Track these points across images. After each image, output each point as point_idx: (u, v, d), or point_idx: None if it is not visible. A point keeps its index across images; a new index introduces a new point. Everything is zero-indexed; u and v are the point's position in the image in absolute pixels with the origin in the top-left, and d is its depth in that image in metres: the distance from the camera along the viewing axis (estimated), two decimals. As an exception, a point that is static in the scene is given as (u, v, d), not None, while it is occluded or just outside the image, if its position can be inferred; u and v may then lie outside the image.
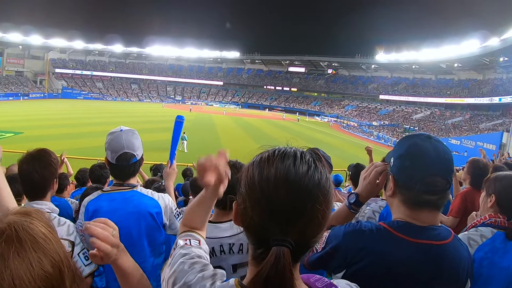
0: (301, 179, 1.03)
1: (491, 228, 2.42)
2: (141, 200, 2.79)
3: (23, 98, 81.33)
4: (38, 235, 0.91)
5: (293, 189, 1.02)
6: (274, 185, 1.02)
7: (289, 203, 1.01)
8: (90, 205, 2.75)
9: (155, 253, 2.83)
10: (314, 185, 1.04)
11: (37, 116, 45.83)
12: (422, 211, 1.72)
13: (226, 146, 33.70)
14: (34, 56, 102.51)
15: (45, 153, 2.77)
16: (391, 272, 1.64)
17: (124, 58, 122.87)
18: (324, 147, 11.96)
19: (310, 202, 1.02)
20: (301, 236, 1.03)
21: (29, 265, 0.85)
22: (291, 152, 1.10)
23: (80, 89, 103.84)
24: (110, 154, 2.73)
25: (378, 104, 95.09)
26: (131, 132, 2.85)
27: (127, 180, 2.84)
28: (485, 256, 2.27)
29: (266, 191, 1.03)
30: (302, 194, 1.02)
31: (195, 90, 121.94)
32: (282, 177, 1.03)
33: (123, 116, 55.12)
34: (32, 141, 26.82)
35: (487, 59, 69.33)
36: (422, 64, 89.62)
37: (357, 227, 1.78)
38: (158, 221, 2.80)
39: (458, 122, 66.07)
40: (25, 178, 2.64)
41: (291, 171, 1.03)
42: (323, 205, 1.05)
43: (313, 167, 1.07)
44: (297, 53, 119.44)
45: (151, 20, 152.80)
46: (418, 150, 1.71)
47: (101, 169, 5.35)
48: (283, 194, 1.01)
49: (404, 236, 1.68)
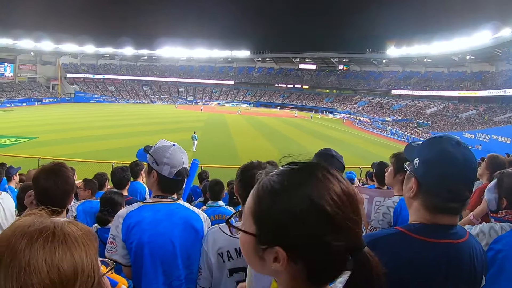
0: (347, 188, 1.04)
1: (509, 223, 2.43)
2: (186, 213, 2.81)
3: (37, 104, 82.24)
4: (70, 236, 0.98)
5: (351, 197, 1.04)
6: (348, 202, 1.02)
7: (356, 210, 1.04)
8: (130, 216, 2.71)
9: (190, 268, 2.82)
10: (353, 188, 1.07)
11: (51, 121, 46.41)
12: (443, 216, 1.71)
13: (239, 145, 33.81)
14: (46, 61, 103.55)
15: (63, 167, 2.76)
16: (414, 275, 1.63)
17: (135, 60, 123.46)
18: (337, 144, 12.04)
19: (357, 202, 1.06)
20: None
21: (54, 265, 0.91)
22: (331, 168, 1.08)
23: (93, 92, 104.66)
24: (169, 169, 2.71)
25: (390, 99, 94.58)
26: (181, 148, 2.86)
27: (173, 193, 2.86)
28: (502, 248, 2.29)
29: (342, 211, 1.00)
30: (355, 199, 1.04)
31: (207, 90, 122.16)
32: (347, 192, 1.03)
33: (136, 118, 55.64)
34: (46, 146, 27.23)
35: (500, 50, 68.23)
36: (433, 57, 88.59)
37: (372, 236, 1.77)
38: (201, 235, 2.81)
39: (472, 116, 65.45)
40: (44, 195, 2.62)
41: (346, 185, 1.05)
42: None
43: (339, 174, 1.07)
44: (308, 50, 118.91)
45: (161, 22, 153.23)
46: (449, 158, 1.66)
47: (123, 172, 5.43)
48: (350, 205, 1.02)
49: (422, 237, 1.67)
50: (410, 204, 1.81)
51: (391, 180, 3.78)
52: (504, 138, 42.33)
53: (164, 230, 2.68)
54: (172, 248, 2.69)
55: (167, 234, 2.67)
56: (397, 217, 3.38)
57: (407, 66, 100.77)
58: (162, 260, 2.68)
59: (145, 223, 2.66)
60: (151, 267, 2.68)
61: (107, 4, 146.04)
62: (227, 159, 22.58)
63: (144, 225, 2.66)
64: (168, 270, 2.71)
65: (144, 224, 2.66)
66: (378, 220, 3.47)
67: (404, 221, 3.22)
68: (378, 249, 1.65)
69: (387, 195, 3.91)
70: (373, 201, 4.23)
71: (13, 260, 0.90)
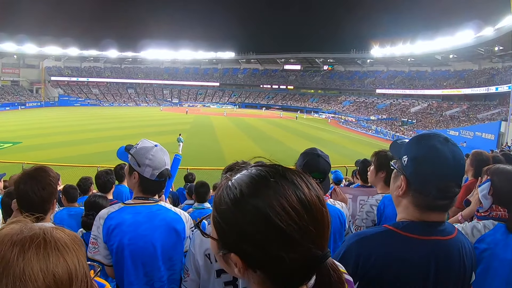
0: (311, 195, 0.99)
1: (492, 221, 2.44)
2: (167, 215, 2.79)
3: (20, 108, 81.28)
4: (60, 242, 0.98)
5: (313, 206, 0.98)
6: (303, 211, 0.96)
7: (316, 220, 0.98)
8: (111, 218, 2.69)
9: (173, 268, 2.83)
10: (318, 193, 1.02)
11: (35, 125, 45.85)
12: (433, 213, 1.70)
13: (224, 146, 33.75)
14: (29, 65, 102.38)
15: (43, 172, 2.68)
16: (404, 273, 1.63)
17: (120, 63, 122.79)
18: (323, 144, 12.11)
19: (323, 209, 1.01)
20: (327, 241, 1.02)
21: (49, 271, 0.91)
22: (291, 172, 1.04)
23: (77, 96, 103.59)
24: (151, 171, 2.68)
25: (375, 99, 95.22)
26: (163, 149, 2.82)
27: (154, 195, 2.84)
28: (487, 247, 2.30)
29: (295, 221, 0.94)
30: (318, 206, 0.99)
31: (192, 92, 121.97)
32: (297, 202, 0.96)
33: (121, 121, 55.29)
34: (31, 151, 26.93)
35: (482, 49, 69.26)
36: (417, 57, 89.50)
37: (360, 235, 1.77)
38: (182, 236, 2.81)
39: (456, 113, 66.11)
40: (23, 200, 2.58)
41: (305, 192, 0.98)
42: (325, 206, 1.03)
43: (306, 180, 1.04)
44: (292, 51, 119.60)
45: (145, 24, 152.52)
46: (437, 155, 1.65)
47: (107, 175, 5.39)
48: (309, 215, 0.97)
49: (411, 235, 1.67)
50: (399, 202, 1.80)
51: (373, 179, 3.79)
52: (487, 135, 42.86)
53: (145, 232, 2.66)
54: (153, 251, 2.68)
55: (148, 237, 2.66)
56: (380, 215, 3.40)
57: (391, 66, 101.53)
58: (143, 262, 2.68)
59: (126, 225, 2.64)
60: (132, 269, 2.67)
61: (90, 6, 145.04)
62: (213, 161, 22.57)
63: (124, 227, 2.64)
64: (150, 272, 2.71)
65: (125, 226, 2.64)
66: (362, 219, 3.49)
67: (388, 219, 3.25)
68: (367, 247, 1.68)
69: (370, 194, 3.93)
70: (357, 200, 4.27)
71: (5, 269, 0.88)
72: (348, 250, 1.70)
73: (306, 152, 2.97)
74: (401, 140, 1.89)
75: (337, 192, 3.61)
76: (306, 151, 2.98)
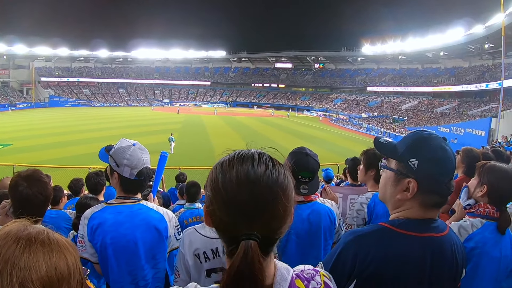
0: (261, 178, 1.11)
1: (480, 219, 2.44)
2: (148, 214, 2.79)
3: (10, 109, 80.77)
4: (61, 241, 1.06)
5: (254, 188, 1.10)
6: (237, 186, 1.11)
7: (252, 201, 1.09)
8: (94, 218, 2.70)
9: (157, 267, 2.84)
10: (273, 182, 1.12)
11: (26, 127, 45.60)
12: (433, 211, 1.75)
13: (216, 145, 33.73)
14: (19, 65, 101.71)
15: (40, 173, 2.70)
16: (402, 269, 1.65)
17: (110, 63, 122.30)
18: (314, 142, 12.10)
19: (270, 198, 1.11)
20: (266, 229, 1.11)
21: (52, 264, 0.99)
22: (249, 154, 1.19)
23: (67, 96, 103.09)
24: (130, 171, 2.70)
25: (366, 96, 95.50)
26: (142, 147, 2.82)
27: (136, 194, 2.84)
28: (475, 246, 2.30)
29: (230, 192, 1.11)
30: (263, 191, 1.10)
31: (183, 91, 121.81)
32: (243, 178, 1.12)
33: (112, 121, 55.00)
34: (21, 152, 26.78)
35: (472, 46, 69.72)
36: (408, 54, 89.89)
37: (356, 232, 1.77)
38: (164, 235, 2.81)
39: (447, 110, 66.50)
40: (25, 201, 2.54)
41: (250, 172, 1.12)
42: (283, 199, 1.13)
43: (271, 166, 1.16)
44: (283, 49, 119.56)
45: (136, 23, 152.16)
46: (447, 155, 1.71)
47: (97, 177, 5.37)
48: (245, 193, 1.10)
49: (408, 232, 1.69)
50: (400, 204, 1.79)
51: (363, 177, 3.80)
52: (478, 131, 43.13)
53: (126, 231, 2.68)
54: (135, 249, 2.69)
55: (129, 236, 2.67)
56: (371, 213, 3.41)
57: (382, 64, 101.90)
58: (126, 261, 2.69)
59: (107, 225, 2.66)
60: (116, 267, 2.69)
61: (80, 6, 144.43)
62: (205, 160, 22.52)
63: (106, 227, 2.66)
64: (134, 271, 2.72)
65: (106, 226, 2.66)
66: (353, 217, 3.49)
67: (379, 217, 3.26)
68: (364, 245, 1.69)
69: (360, 192, 3.94)
70: (348, 199, 4.27)
71: (10, 259, 0.95)
72: (345, 248, 1.70)
73: (294, 151, 2.98)
74: (383, 139, 1.91)
75: (327, 191, 3.62)
76: (295, 150, 2.99)
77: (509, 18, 47.64)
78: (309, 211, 2.86)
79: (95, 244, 2.67)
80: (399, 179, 1.76)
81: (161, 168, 3.36)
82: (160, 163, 3.34)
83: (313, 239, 2.87)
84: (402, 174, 1.74)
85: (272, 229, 1.14)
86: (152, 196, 3.18)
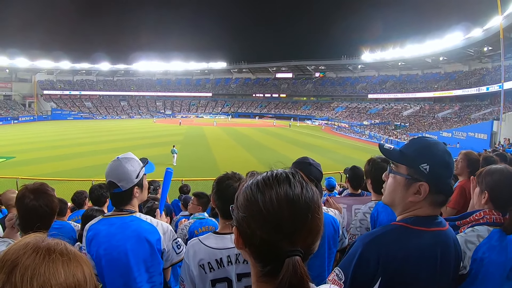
0: (300, 197, 1.15)
1: (487, 227, 2.39)
2: (140, 225, 2.81)
3: (13, 122, 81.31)
4: (77, 252, 1.10)
5: (294, 206, 1.13)
6: (279, 205, 1.12)
7: (293, 219, 1.12)
8: (90, 229, 2.77)
9: (152, 280, 2.83)
10: (310, 199, 1.16)
11: (28, 140, 45.70)
12: (440, 208, 1.89)
13: (218, 157, 33.66)
14: (21, 79, 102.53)
15: (46, 187, 2.76)
16: (421, 263, 1.75)
17: (112, 75, 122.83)
18: (317, 151, 12.11)
19: (309, 214, 1.14)
20: (305, 245, 1.15)
21: (70, 272, 1.02)
22: (284, 174, 1.21)
23: (70, 109, 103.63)
24: (107, 182, 2.81)
25: (367, 104, 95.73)
26: (122, 161, 2.85)
27: (121, 206, 2.87)
28: (483, 256, 2.27)
29: (272, 212, 1.12)
30: (302, 209, 1.14)
31: (185, 103, 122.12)
32: (283, 198, 1.14)
33: (114, 134, 55.07)
34: (24, 165, 26.75)
35: (472, 50, 70.05)
36: (407, 61, 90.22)
37: (374, 234, 1.85)
38: (156, 247, 2.81)
39: (448, 115, 66.37)
40: (31, 214, 2.61)
41: (289, 192, 1.15)
42: (319, 215, 1.18)
43: (305, 185, 1.19)
44: (284, 59, 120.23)
45: (137, 36, 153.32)
46: (451, 158, 1.86)
47: (100, 189, 5.39)
48: (287, 212, 1.12)
49: (421, 228, 1.80)
50: (410, 206, 1.88)
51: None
52: (480, 135, 43.05)
53: (118, 243, 2.71)
54: (126, 261, 2.71)
55: (120, 247, 2.70)
56: (374, 222, 3.41)
57: (382, 71, 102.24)
58: (119, 273, 2.71)
59: (100, 236, 2.71)
60: (111, 279, 2.71)
61: (82, 20, 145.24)
62: (208, 172, 22.51)
63: (99, 238, 2.70)
64: (128, 283, 2.73)
65: (100, 237, 2.71)
66: (356, 227, 3.51)
67: (382, 225, 3.24)
68: (385, 245, 1.77)
69: (364, 202, 3.93)
70: (352, 209, 4.26)
71: (31, 266, 0.99)
72: (366, 250, 1.76)
73: (298, 161, 3.01)
74: (387, 146, 2.00)
75: (330, 202, 3.62)
76: (298, 160, 3.02)
77: (507, 20, 47.88)
78: (312, 220, 2.85)
79: (91, 255, 2.70)
80: (410, 183, 1.86)
81: (167, 185, 3.38)
82: (165, 179, 3.36)
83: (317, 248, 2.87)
84: (413, 178, 1.84)
85: (309, 243, 1.17)
86: (159, 213, 3.22)
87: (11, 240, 2.81)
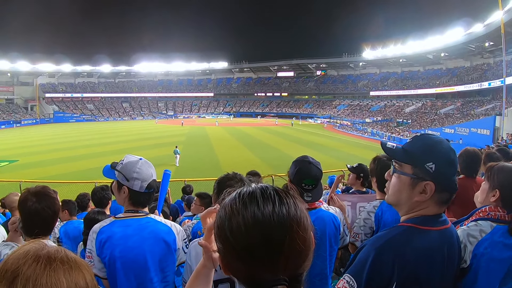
0: (270, 218, 1.00)
1: (490, 222, 2.37)
2: (156, 227, 2.83)
3: (16, 126, 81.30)
4: (78, 259, 1.09)
5: (265, 230, 0.99)
6: (246, 231, 1.01)
7: (266, 244, 0.99)
8: (102, 232, 2.74)
9: (166, 280, 2.86)
10: (283, 218, 1.01)
11: (31, 143, 45.73)
12: (445, 206, 1.89)
13: (221, 156, 33.63)
14: (23, 82, 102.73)
15: (48, 189, 2.77)
16: (432, 261, 1.78)
17: (113, 77, 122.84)
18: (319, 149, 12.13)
19: (285, 235, 1.00)
20: (290, 269, 1.02)
21: (72, 280, 1.01)
22: (252, 193, 1.08)
23: (72, 112, 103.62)
24: (140, 184, 2.75)
25: (369, 101, 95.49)
26: (148, 161, 2.89)
27: (143, 208, 2.88)
28: (484, 252, 2.24)
29: (241, 241, 1.01)
30: (275, 231, 0.99)
31: (187, 103, 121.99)
32: (250, 221, 1.01)
33: (117, 136, 55.06)
34: (28, 168, 26.81)
35: (473, 45, 69.92)
36: (409, 57, 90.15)
37: (385, 236, 1.83)
38: (172, 247, 2.84)
39: (450, 111, 66.30)
40: (34, 216, 2.62)
41: (257, 215, 1.01)
42: (300, 232, 1.02)
43: (278, 201, 1.04)
44: (285, 58, 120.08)
45: (138, 37, 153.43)
46: (455, 156, 1.85)
47: (103, 191, 5.45)
48: (258, 238, 0.99)
49: (428, 227, 1.81)
50: (417, 205, 1.86)
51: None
52: (483, 130, 43.04)
53: (134, 244, 2.71)
54: (144, 262, 2.72)
55: (137, 249, 2.70)
56: (378, 221, 3.41)
57: (383, 68, 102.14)
58: (135, 274, 2.71)
59: (116, 238, 2.69)
60: (125, 281, 2.70)
61: (82, 22, 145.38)
62: (211, 172, 22.47)
63: (114, 241, 2.68)
64: (142, 284, 2.73)
65: (115, 239, 2.69)
66: (360, 226, 3.49)
67: (387, 225, 3.25)
68: (397, 247, 1.76)
69: (369, 200, 3.92)
70: (357, 207, 4.24)
71: (32, 277, 0.97)
72: (379, 254, 1.73)
73: (298, 160, 3.01)
74: (390, 144, 1.96)
75: (334, 199, 3.61)
76: (298, 159, 3.02)
77: (508, 15, 47.82)
78: (313, 218, 2.84)
79: (103, 258, 2.68)
80: (416, 183, 1.83)
81: (165, 186, 3.39)
82: (164, 181, 3.37)
83: (318, 247, 2.87)
84: (419, 178, 1.82)
85: (296, 266, 1.04)
86: (157, 213, 3.21)
87: (15, 243, 2.83)
